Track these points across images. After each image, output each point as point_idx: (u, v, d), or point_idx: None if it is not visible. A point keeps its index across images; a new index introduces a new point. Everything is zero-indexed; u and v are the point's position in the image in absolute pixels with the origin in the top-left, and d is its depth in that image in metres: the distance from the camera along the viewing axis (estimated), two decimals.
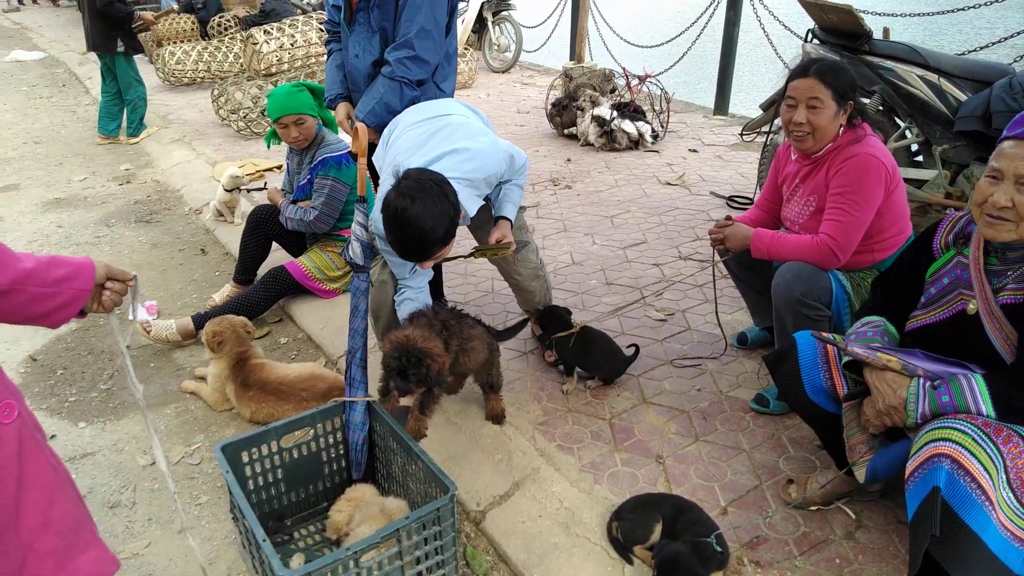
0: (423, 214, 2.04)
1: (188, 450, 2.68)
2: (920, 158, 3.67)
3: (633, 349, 2.82)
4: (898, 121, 3.69)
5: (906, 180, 3.05)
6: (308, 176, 3.51)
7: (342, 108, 2.98)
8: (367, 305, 2.34)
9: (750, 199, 4.58)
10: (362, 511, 2.06)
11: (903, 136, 3.63)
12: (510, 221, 2.55)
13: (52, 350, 3.42)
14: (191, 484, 2.50)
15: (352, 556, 1.72)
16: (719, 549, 1.89)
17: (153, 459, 2.63)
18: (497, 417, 2.58)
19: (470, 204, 2.33)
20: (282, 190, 3.75)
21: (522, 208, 2.75)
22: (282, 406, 2.72)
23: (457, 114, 2.52)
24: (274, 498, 2.24)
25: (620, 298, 3.45)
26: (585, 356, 2.79)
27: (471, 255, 2.51)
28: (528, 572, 2.03)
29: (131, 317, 1.66)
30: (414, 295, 2.48)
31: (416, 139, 2.40)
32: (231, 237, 4.46)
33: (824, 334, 1.91)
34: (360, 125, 2.40)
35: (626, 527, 2.03)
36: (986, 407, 1.56)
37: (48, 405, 2.98)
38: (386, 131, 2.60)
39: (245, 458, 2.14)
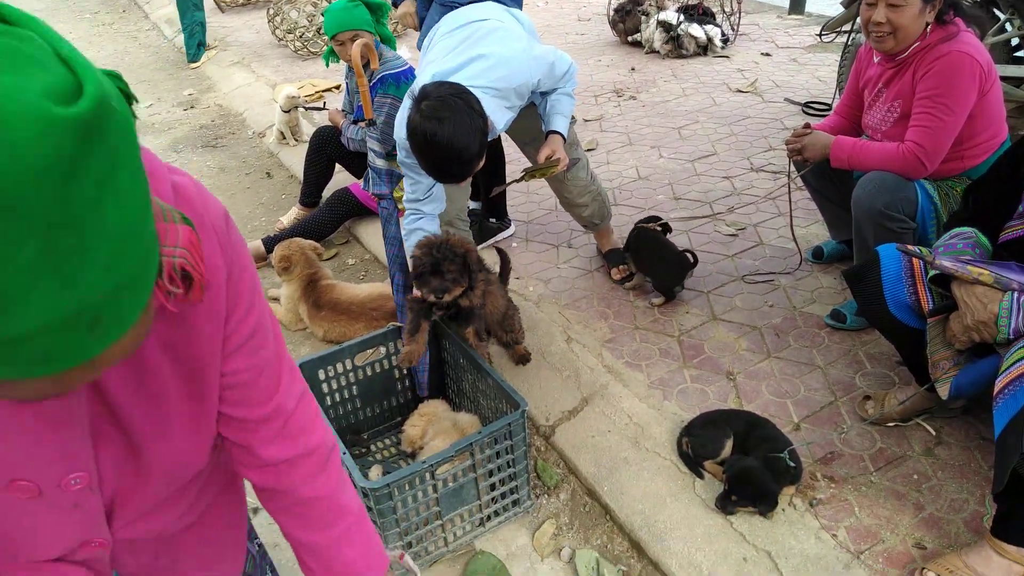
0: (454, 134, 1.94)
1: None
2: (1021, 53, 3.38)
3: (691, 257, 2.68)
4: (997, 13, 3.38)
5: (1004, 78, 2.82)
6: None
7: (406, 4, 2.89)
8: (395, 230, 2.32)
9: (828, 105, 4.32)
10: (435, 426, 2.13)
11: (1003, 29, 3.33)
12: (562, 136, 2.43)
13: None
14: None
15: (429, 468, 1.78)
16: (792, 464, 1.88)
17: None
18: (523, 359, 2.52)
19: (498, 116, 2.19)
20: (342, 110, 3.72)
21: (574, 121, 2.62)
22: (353, 325, 2.79)
23: (493, 19, 2.35)
24: (351, 413, 2.33)
25: (689, 213, 3.36)
26: (639, 257, 2.74)
27: (522, 179, 2.44)
28: (598, 484, 2.07)
29: None
30: (426, 224, 2.38)
31: (445, 47, 2.29)
32: (295, 160, 4.50)
33: (910, 247, 1.82)
34: (356, 43, 2.25)
35: (696, 442, 2.03)
36: None
37: None
38: (425, 41, 2.51)
39: (322, 375, 2.21)
